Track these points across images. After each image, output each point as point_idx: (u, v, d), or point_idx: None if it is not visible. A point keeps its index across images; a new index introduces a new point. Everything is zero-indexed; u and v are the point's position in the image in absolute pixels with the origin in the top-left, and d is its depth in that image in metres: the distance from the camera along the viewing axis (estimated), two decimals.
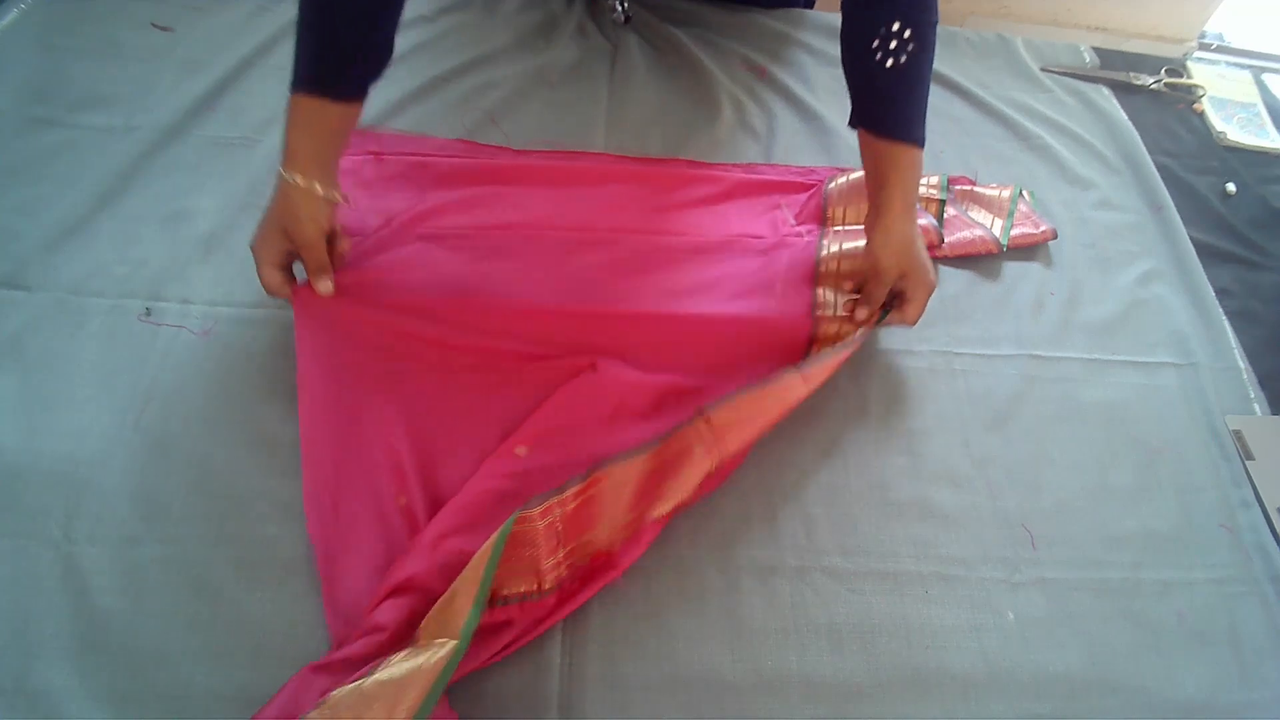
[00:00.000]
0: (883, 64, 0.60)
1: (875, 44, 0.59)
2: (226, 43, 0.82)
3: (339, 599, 0.50)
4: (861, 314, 0.64)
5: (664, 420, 0.57)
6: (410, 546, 0.51)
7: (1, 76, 0.76)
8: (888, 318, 0.65)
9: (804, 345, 0.65)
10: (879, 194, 0.63)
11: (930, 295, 0.64)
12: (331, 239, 0.60)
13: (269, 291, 0.59)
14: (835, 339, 0.64)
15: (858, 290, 0.66)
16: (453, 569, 0.47)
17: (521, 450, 0.56)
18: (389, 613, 0.47)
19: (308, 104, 0.56)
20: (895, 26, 0.59)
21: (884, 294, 0.64)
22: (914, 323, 0.65)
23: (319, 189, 0.57)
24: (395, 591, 0.48)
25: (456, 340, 0.61)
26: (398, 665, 0.43)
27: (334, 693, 0.42)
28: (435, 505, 0.54)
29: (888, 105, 0.62)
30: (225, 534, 0.52)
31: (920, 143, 0.62)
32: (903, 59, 0.59)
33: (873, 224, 0.63)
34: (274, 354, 0.61)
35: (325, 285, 0.60)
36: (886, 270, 0.62)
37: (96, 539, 0.51)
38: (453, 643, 0.44)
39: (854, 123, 0.64)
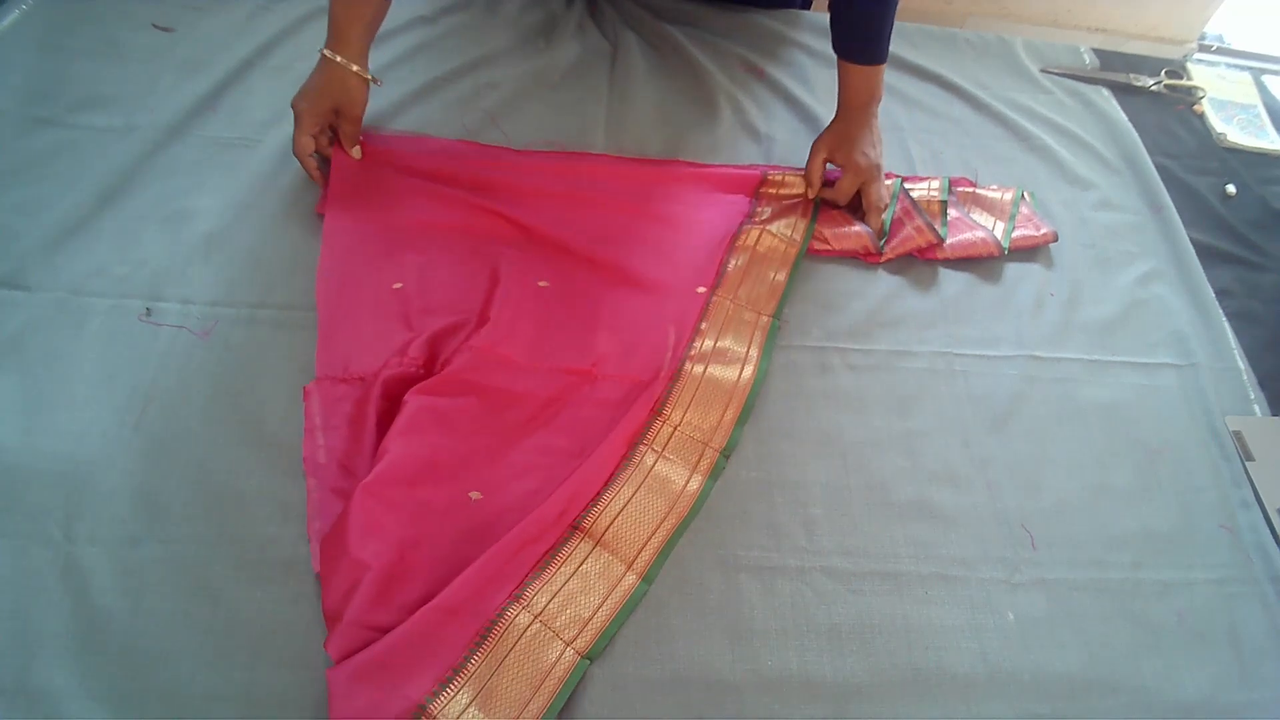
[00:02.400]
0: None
1: None
2: (226, 43, 0.82)
3: (330, 349, 0.60)
4: (805, 188, 0.76)
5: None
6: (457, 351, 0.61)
7: (2, 76, 0.76)
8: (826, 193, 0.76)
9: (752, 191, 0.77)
10: (840, 97, 0.76)
11: (861, 181, 0.74)
12: None
13: (300, 152, 0.68)
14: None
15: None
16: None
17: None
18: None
19: None
20: None
21: (818, 166, 0.75)
22: (842, 199, 0.76)
23: (362, 71, 0.69)
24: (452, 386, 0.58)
25: (465, 199, 0.71)
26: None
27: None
28: (425, 294, 0.65)
29: (847, 29, 0.74)
30: (225, 534, 0.52)
31: (877, 62, 0.74)
32: None
33: (833, 122, 0.77)
34: (274, 354, 0.61)
35: (356, 151, 0.72)
36: (820, 144, 0.75)
37: (96, 539, 0.51)
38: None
39: (834, 48, 0.75)
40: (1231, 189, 0.87)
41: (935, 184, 0.79)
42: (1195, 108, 0.97)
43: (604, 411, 0.61)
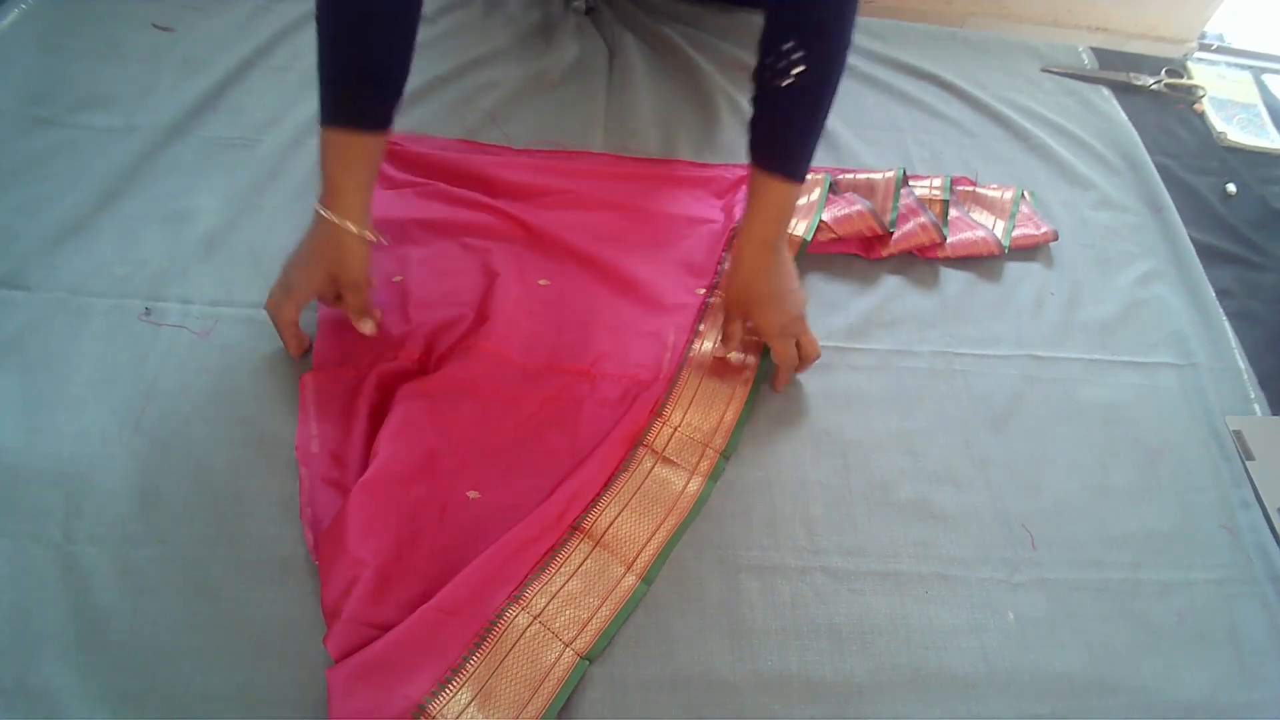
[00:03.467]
0: (771, 82, 0.55)
1: (769, 59, 0.55)
2: (226, 43, 0.82)
3: (328, 341, 0.61)
4: (720, 350, 0.64)
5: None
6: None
7: (2, 76, 0.76)
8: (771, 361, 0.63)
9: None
10: (743, 224, 0.60)
11: (785, 325, 0.60)
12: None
13: (282, 321, 0.58)
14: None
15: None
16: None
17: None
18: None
19: (342, 139, 0.54)
20: (788, 45, 0.54)
21: (735, 329, 0.63)
22: (783, 359, 0.61)
23: (362, 230, 0.56)
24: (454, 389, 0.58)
25: (466, 197, 0.71)
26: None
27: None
28: (424, 288, 0.64)
29: (767, 131, 0.58)
30: (225, 534, 0.52)
31: (794, 178, 0.58)
32: (787, 82, 0.54)
33: (732, 269, 0.62)
34: (274, 354, 0.61)
35: (368, 326, 0.59)
36: (729, 304, 0.62)
37: (96, 539, 0.51)
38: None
39: (752, 154, 0.59)
40: (1232, 188, 0.87)
41: (937, 182, 0.78)
42: (1195, 107, 0.98)
43: (602, 411, 0.61)
